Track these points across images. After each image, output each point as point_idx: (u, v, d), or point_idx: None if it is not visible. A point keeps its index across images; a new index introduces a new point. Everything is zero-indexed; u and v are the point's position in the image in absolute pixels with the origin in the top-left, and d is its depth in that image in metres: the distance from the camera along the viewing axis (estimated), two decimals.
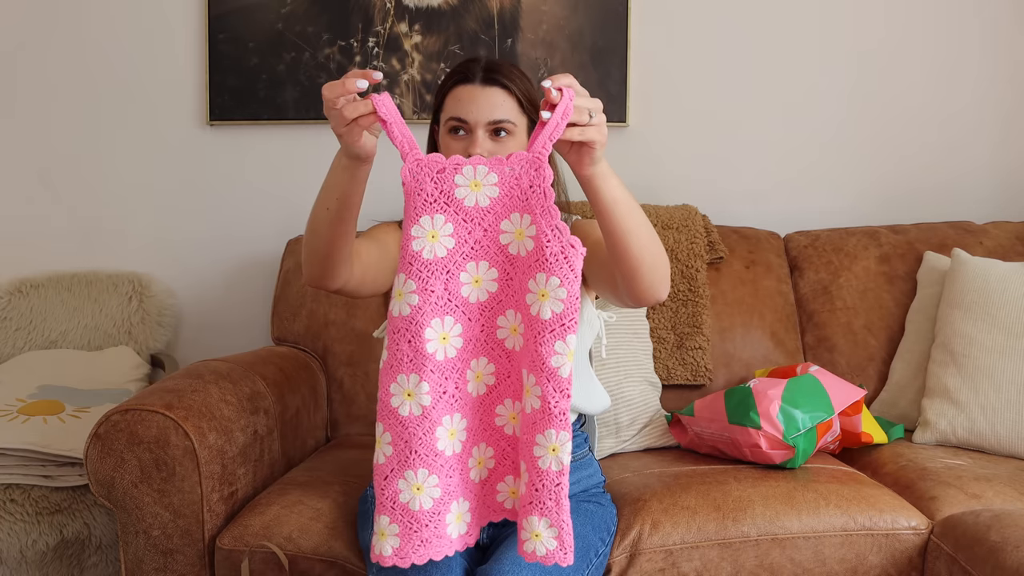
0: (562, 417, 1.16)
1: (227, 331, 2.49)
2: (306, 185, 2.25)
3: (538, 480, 1.17)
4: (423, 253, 1.17)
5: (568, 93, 1.13)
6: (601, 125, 1.16)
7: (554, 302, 1.15)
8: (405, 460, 1.19)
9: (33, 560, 1.91)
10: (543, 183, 1.16)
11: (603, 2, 2.41)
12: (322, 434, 2.14)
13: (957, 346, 1.98)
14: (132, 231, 2.51)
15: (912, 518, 1.60)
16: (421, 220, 1.17)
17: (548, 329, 1.15)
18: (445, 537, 1.21)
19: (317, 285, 1.41)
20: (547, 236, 1.16)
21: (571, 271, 1.15)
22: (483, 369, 1.23)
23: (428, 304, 1.17)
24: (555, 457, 1.16)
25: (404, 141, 1.17)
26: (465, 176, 1.18)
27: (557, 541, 1.18)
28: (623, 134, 2.47)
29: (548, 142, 1.14)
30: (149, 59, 2.47)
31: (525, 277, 1.18)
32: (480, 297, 1.21)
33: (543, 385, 1.16)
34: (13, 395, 2.10)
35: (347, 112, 1.16)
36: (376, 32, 2.42)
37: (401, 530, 1.20)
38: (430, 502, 1.19)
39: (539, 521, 1.18)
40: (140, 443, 1.55)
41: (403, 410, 1.18)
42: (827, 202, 2.50)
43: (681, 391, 2.15)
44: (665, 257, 1.30)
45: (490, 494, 1.28)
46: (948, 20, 2.48)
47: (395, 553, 1.20)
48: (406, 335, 1.17)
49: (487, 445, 1.26)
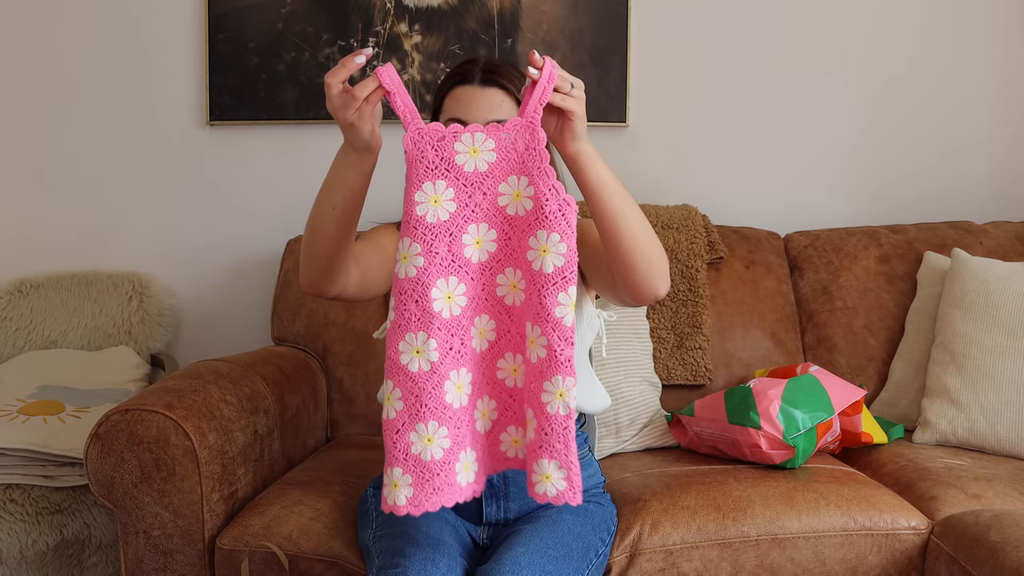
0: (568, 364, 1.22)
1: (227, 331, 2.49)
2: (306, 185, 2.24)
3: (547, 424, 1.23)
4: (427, 217, 1.23)
5: (550, 61, 1.19)
6: (580, 99, 1.21)
7: (555, 256, 1.22)
8: (416, 413, 1.24)
9: (33, 560, 1.91)
10: (538, 144, 1.23)
11: (603, 2, 2.42)
12: (322, 434, 2.14)
13: (957, 346, 1.98)
14: (132, 231, 2.51)
15: (912, 518, 1.60)
16: (424, 186, 1.23)
17: (551, 282, 1.22)
18: (455, 485, 1.26)
19: (315, 291, 1.41)
20: (545, 195, 1.23)
21: (568, 227, 1.22)
22: (485, 326, 1.29)
23: (433, 265, 1.23)
24: (562, 402, 1.23)
25: (406, 111, 1.23)
26: (464, 143, 1.24)
27: (567, 482, 1.24)
28: (623, 134, 2.47)
29: (538, 105, 1.21)
30: (149, 59, 2.47)
31: (525, 235, 1.25)
32: (481, 258, 1.27)
33: (549, 335, 1.22)
34: (13, 395, 2.10)
35: (358, 92, 1.19)
36: (376, 32, 2.42)
37: (414, 480, 1.25)
38: (440, 452, 1.24)
39: (549, 464, 1.24)
40: (140, 443, 1.55)
41: (412, 366, 1.23)
42: (827, 202, 2.50)
43: (681, 391, 2.15)
44: (662, 252, 1.30)
45: (494, 444, 1.33)
46: (948, 20, 2.47)
47: (409, 502, 1.25)
48: (413, 295, 1.23)
49: (490, 398, 1.31)
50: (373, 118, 1.24)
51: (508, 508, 1.49)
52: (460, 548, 1.39)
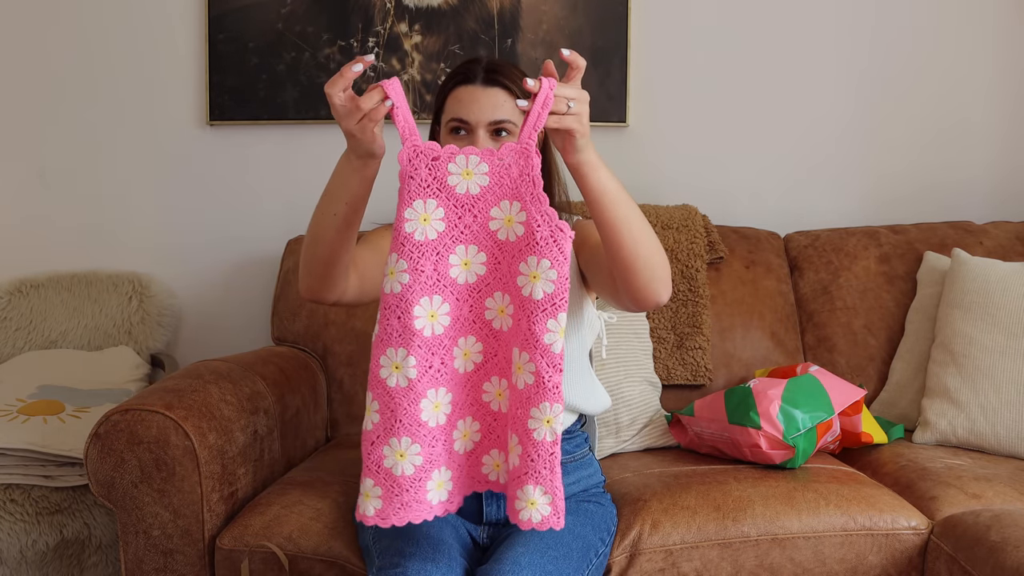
0: (556, 391, 1.22)
1: (227, 331, 2.49)
2: (306, 185, 2.25)
3: (533, 451, 1.23)
4: (415, 235, 1.23)
5: (547, 83, 1.17)
6: (580, 115, 1.20)
7: (545, 283, 1.22)
8: (390, 428, 1.24)
9: (33, 560, 1.91)
10: (532, 171, 1.23)
11: (603, 2, 2.41)
12: (322, 434, 2.14)
13: (957, 346, 1.98)
14: (132, 231, 2.51)
15: (912, 518, 1.60)
16: (414, 204, 1.23)
17: (540, 308, 1.22)
18: (425, 503, 1.27)
19: (314, 297, 1.41)
20: (537, 221, 1.22)
21: (560, 253, 1.22)
22: (471, 347, 1.29)
23: (418, 283, 1.23)
24: (549, 428, 1.23)
25: (406, 126, 1.23)
26: (458, 164, 1.24)
27: (551, 507, 1.25)
28: (623, 134, 2.47)
29: (532, 131, 1.20)
30: (149, 59, 2.47)
31: (515, 261, 1.25)
32: (469, 279, 1.27)
33: (537, 361, 1.22)
34: (13, 395, 2.10)
35: (364, 104, 1.19)
36: (376, 32, 2.42)
37: (383, 492, 1.26)
38: (412, 468, 1.25)
39: (534, 490, 1.24)
40: (140, 443, 1.55)
41: (390, 381, 1.24)
42: (827, 202, 2.50)
43: (681, 391, 2.15)
44: (664, 258, 1.30)
45: (475, 466, 1.33)
46: (949, 21, 2.48)
47: (377, 514, 1.26)
48: (396, 311, 1.23)
49: (473, 419, 1.31)
50: (376, 126, 1.24)
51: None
52: (460, 548, 1.39)
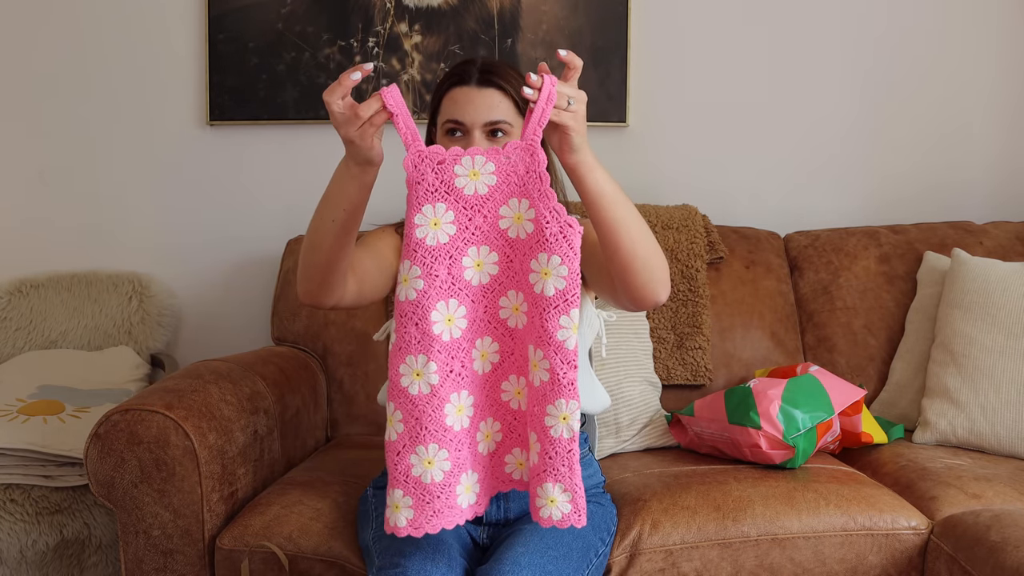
0: (571, 387, 1.22)
1: (227, 331, 2.49)
2: (306, 185, 2.25)
3: (551, 448, 1.23)
4: (426, 240, 1.24)
5: (549, 79, 1.19)
6: (578, 114, 1.21)
7: (556, 279, 1.22)
8: (416, 436, 1.24)
9: (33, 560, 1.91)
10: (538, 167, 1.23)
11: (603, 2, 2.41)
12: (322, 434, 2.14)
13: (957, 346, 1.98)
14: (132, 231, 2.51)
15: (912, 518, 1.60)
16: (423, 208, 1.24)
17: (552, 305, 1.22)
18: (456, 507, 1.27)
19: (312, 301, 1.41)
20: (546, 218, 1.23)
21: (570, 249, 1.22)
22: (488, 348, 1.29)
23: (433, 288, 1.24)
24: (566, 425, 1.23)
25: (408, 133, 1.23)
26: (464, 166, 1.24)
27: (572, 504, 1.25)
28: (623, 134, 2.47)
29: (537, 127, 1.20)
30: (149, 59, 2.47)
31: (526, 258, 1.24)
32: (482, 280, 1.27)
33: (551, 358, 1.22)
34: (13, 395, 2.10)
35: (362, 112, 1.20)
36: (376, 32, 2.42)
37: (415, 502, 1.25)
38: (441, 475, 1.25)
39: (554, 487, 1.24)
40: (140, 443, 1.55)
41: (412, 389, 1.24)
42: (827, 202, 2.50)
43: (681, 391, 2.15)
44: (662, 258, 1.30)
45: (498, 466, 1.33)
46: (949, 21, 2.48)
47: (409, 524, 1.26)
48: (413, 318, 1.23)
49: (494, 420, 1.31)
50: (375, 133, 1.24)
51: (508, 508, 1.49)
52: (460, 548, 1.39)
